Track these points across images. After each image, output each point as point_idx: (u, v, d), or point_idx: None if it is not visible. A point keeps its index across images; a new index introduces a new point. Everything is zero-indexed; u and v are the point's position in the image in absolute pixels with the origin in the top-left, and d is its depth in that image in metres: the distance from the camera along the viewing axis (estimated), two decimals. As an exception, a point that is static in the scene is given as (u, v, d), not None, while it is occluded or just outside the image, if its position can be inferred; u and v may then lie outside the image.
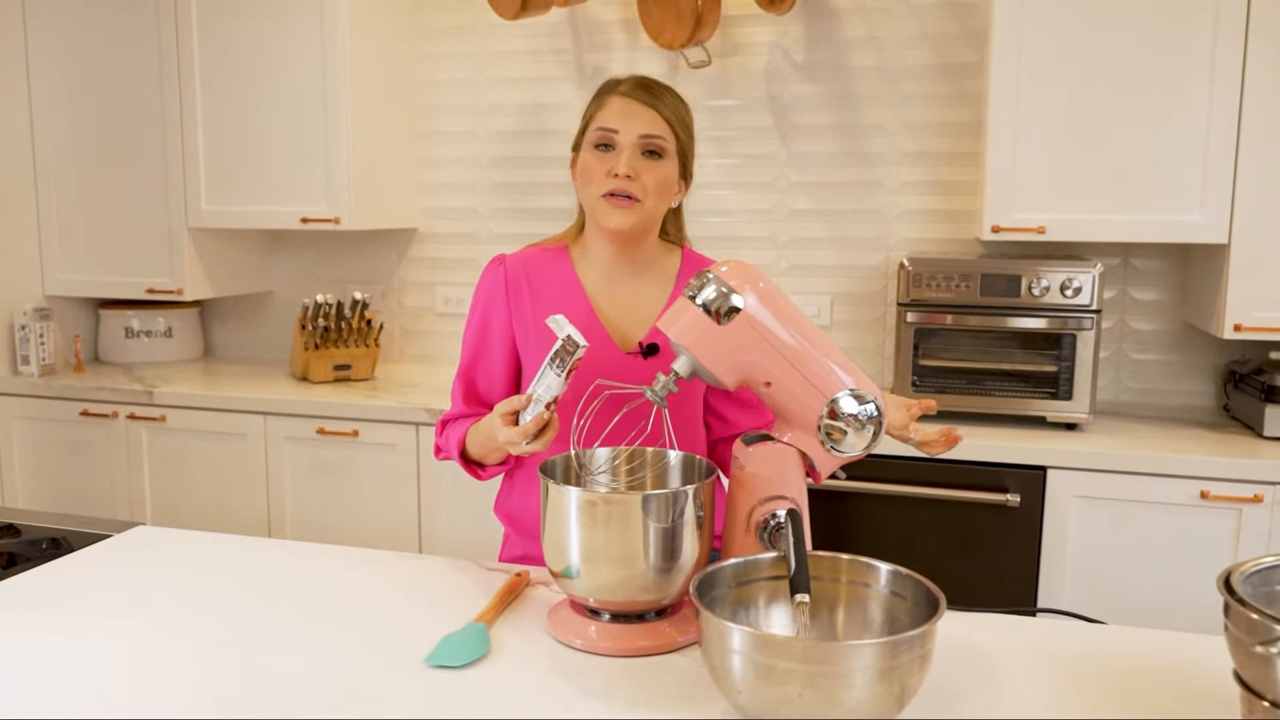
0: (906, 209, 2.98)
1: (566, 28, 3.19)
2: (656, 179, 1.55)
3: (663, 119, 1.56)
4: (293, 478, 2.95)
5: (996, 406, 2.59)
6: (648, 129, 1.54)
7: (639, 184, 1.53)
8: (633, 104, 1.55)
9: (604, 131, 1.55)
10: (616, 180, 1.52)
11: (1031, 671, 1.21)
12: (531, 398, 1.37)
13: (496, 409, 1.42)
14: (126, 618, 1.35)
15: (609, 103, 1.57)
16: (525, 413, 1.38)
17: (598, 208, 1.55)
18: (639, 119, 1.54)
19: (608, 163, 1.54)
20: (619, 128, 1.54)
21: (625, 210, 1.54)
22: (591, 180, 1.55)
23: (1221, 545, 2.31)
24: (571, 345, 1.32)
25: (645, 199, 1.54)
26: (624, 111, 1.55)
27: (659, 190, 1.56)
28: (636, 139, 1.54)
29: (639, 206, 1.54)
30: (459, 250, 3.38)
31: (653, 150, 1.55)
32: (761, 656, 0.99)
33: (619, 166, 1.52)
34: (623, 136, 1.54)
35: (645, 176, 1.54)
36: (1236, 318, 2.45)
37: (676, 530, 1.23)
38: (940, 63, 2.90)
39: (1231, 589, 0.99)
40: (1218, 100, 2.41)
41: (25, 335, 3.18)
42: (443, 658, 1.22)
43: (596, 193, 1.54)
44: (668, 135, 1.56)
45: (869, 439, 1.32)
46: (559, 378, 1.34)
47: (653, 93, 1.57)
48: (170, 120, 3.18)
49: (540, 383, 1.36)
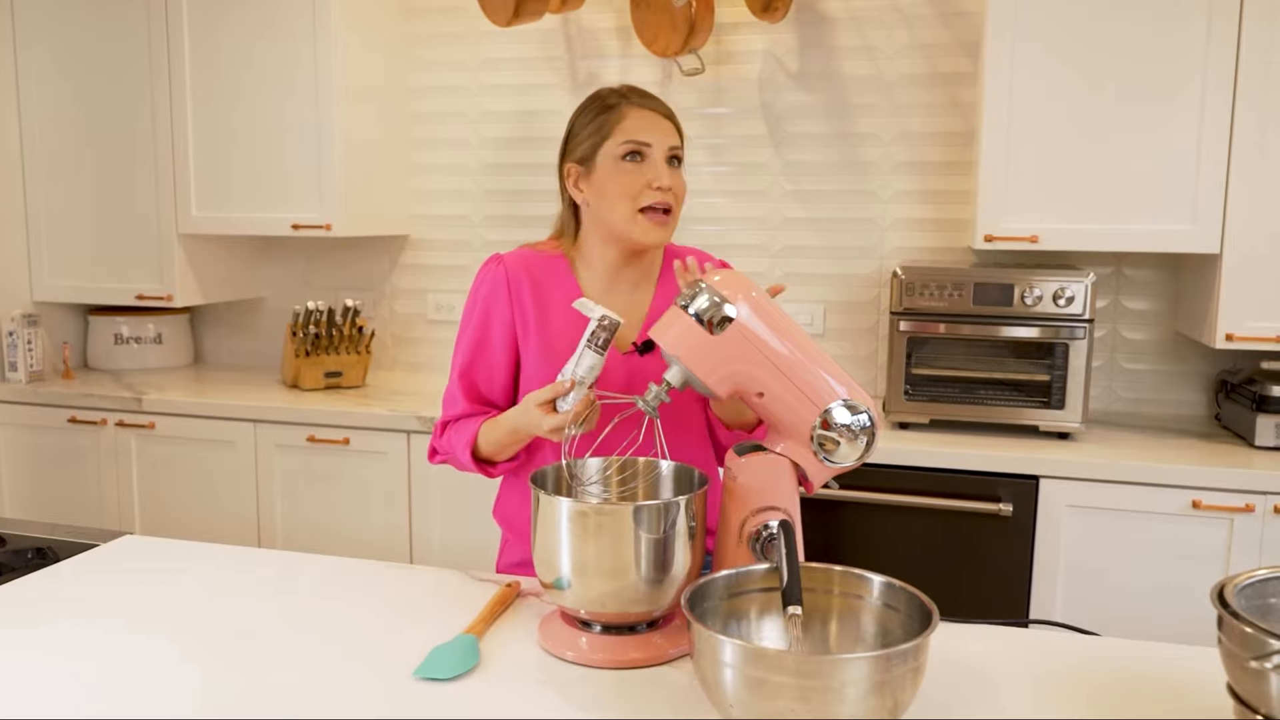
0: (899, 218, 2.98)
1: (559, 35, 3.18)
2: (682, 187, 1.59)
3: (678, 130, 1.61)
4: (283, 486, 2.93)
5: (989, 415, 2.58)
6: (674, 139, 1.59)
7: (672, 194, 1.56)
8: (654, 115, 1.58)
9: (636, 143, 1.55)
10: (659, 193, 1.54)
11: (1024, 684, 1.20)
12: (574, 381, 1.39)
13: (529, 399, 1.44)
14: (111, 628, 1.34)
15: (629, 114, 1.57)
16: (569, 397, 1.40)
17: (633, 223, 1.55)
18: (665, 131, 1.58)
19: (644, 174, 1.54)
20: (652, 141, 1.55)
21: (665, 226, 1.56)
22: (625, 194, 1.54)
23: (1213, 555, 2.31)
24: (609, 322, 1.37)
25: (676, 208, 1.58)
26: (651, 123, 1.57)
27: (682, 199, 1.60)
28: (667, 150, 1.56)
29: (672, 218, 1.58)
30: (451, 257, 3.37)
31: (677, 159, 1.59)
32: (753, 670, 0.98)
33: (662, 179, 1.54)
34: (656, 149, 1.55)
35: (676, 186, 1.57)
36: (1228, 327, 2.45)
37: (668, 541, 1.22)
38: (933, 72, 2.91)
39: (1225, 602, 0.99)
40: (1210, 110, 2.42)
41: (13, 341, 3.16)
42: (432, 670, 1.21)
43: (632, 207, 1.54)
44: (682, 145, 1.61)
45: (862, 449, 1.31)
46: (600, 356, 1.38)
47: (665, 104, 1.61)
48: (161, 125, 3.17)
49: (580, 364, 1.39)
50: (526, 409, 1.45)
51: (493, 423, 1.57)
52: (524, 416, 1.46)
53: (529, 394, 1.46)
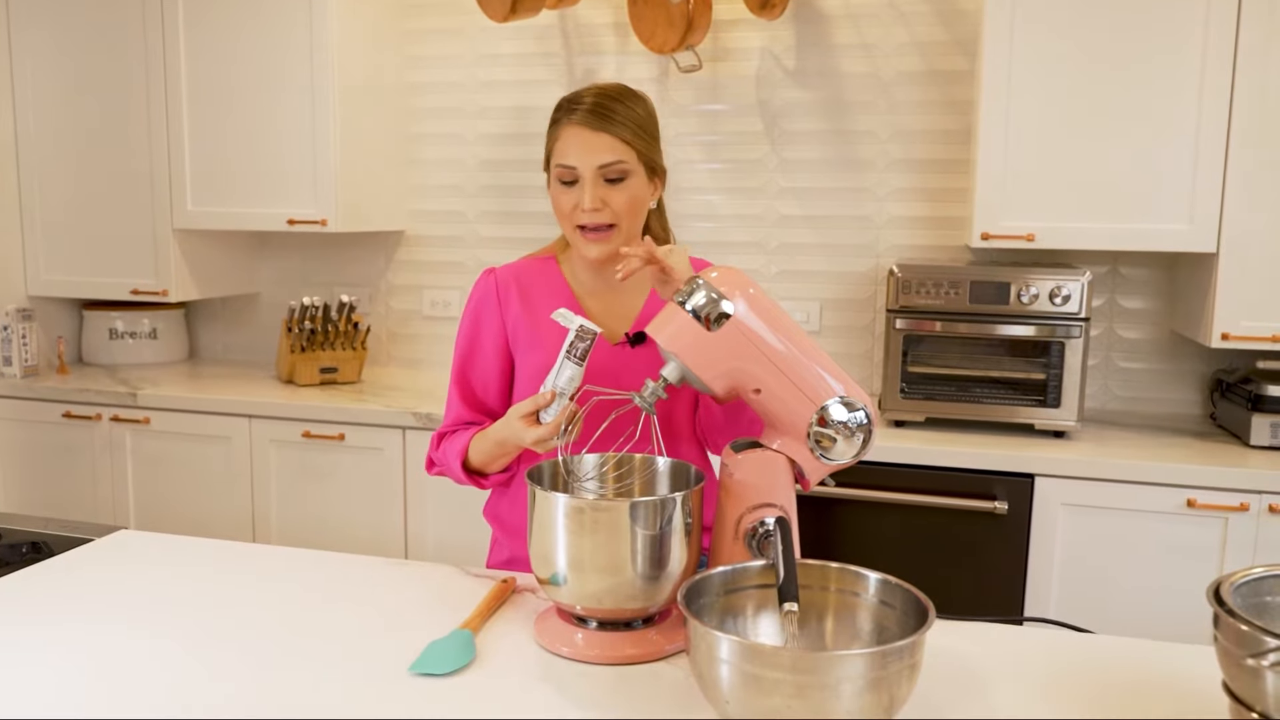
0: (896, 215, 2.98)
1: (556, 31, 3.18)
2: (625, 200, 1.55)
3: (620, 140, 1.53)
4: (278, 481, 2.93)
5: (984, 414, 2.59)
6: (605, 158, 1.53)
7: (608, 211, 1.54)
8: (585, 133, 1.53)
9: (563, 168, 1.55)
10: (586, 214, 1.53)
11: (1019, 682, 1.20)
12: (555, 393, 1.39)
13: (512, 412, 1.45)
14: (104, 623, 1.34)
15: (564, 134, 1.55)
16: (550, 409, 1.40)
17: (574, 239, 1.58)
18: (595, 149, 1.53)
19: (573, 197, 1.54)
20: (576, 163, 1.53)
21: (604, 241, 1.56)
22: (563, 214, 1.57)
23: (1207, 554, 2.32)
24: (586, 333, 1.37)
25: (620, 222, 1.55)
26: (579, 144, 1.53)
27: (631, 210, 1.56)
28: (595, 171, 1.53)
29: (615, 232, 1.56)
30: (447, 253, 3.37)
31: (613, 177, 1.54)
32: (750, 666, 0.98)
33: (585, 201, 1.53)
34: (582, 170, 1.53)
35: (613, 202, 1.54)
36: (1224, 326, 2.46)
37: (664, 538, 1.22)
38: (930, 70, 2.91)
39: (1221, 600, 0.99)
40: (1207, 109, 2.42)
41: (7, 336, 3.15)
42: (427, 665, 1.20)
43: (570, 226, 1.57)
44: (627, 155, 1.54)
45: (859, 446, 1.31)
46: (578, 367, 1.39)
47: (604, 115, 1.53)
48: (155, 119, 3.16)
49: (560, 375, 1.39)
50: (510, 422, 1.46)
51: (481, 435, 1.58)
52: (508, 429, 1.47)
53: (512, 406, 1.47)
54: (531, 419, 1.41)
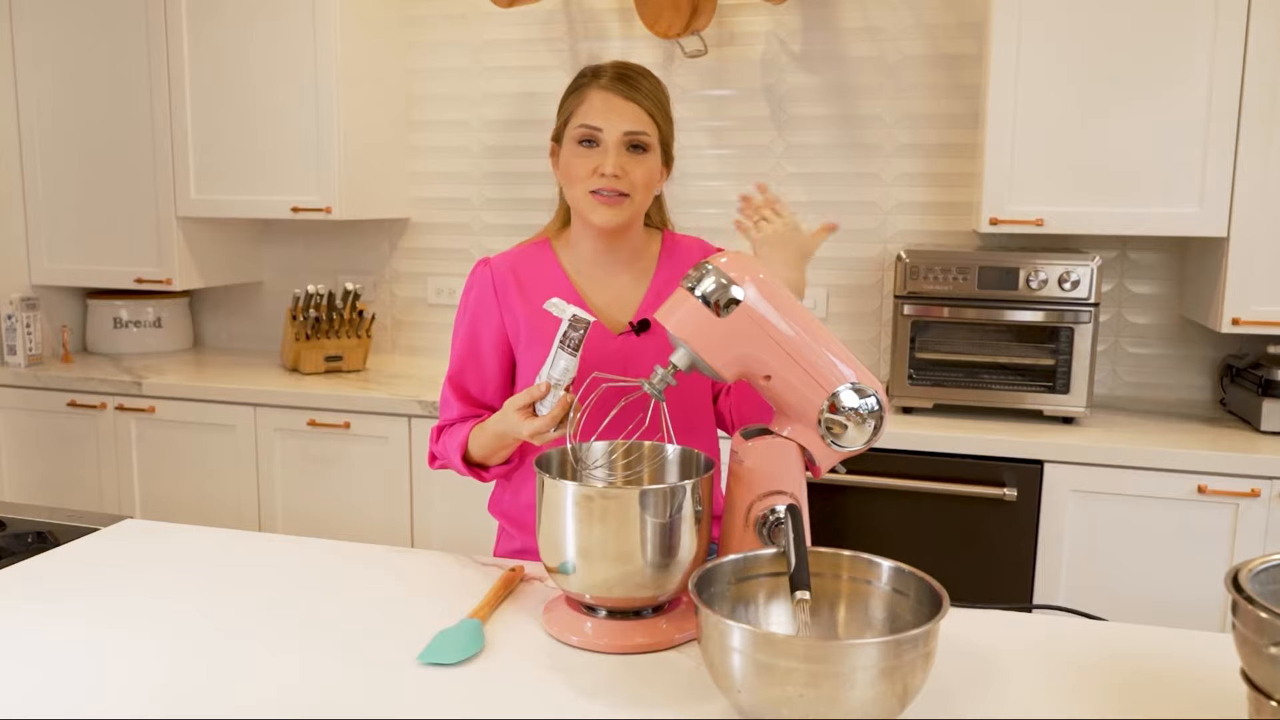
0: (903, 201, 2.96)
1: (561, 15, 3.15)
2: (643, 173, 1.54)
3: (645, 112, 1.53)
4: (283, 470, 2.92)
5: (993, 400, 2.57)
6: (632, 125, 1.52)
7: (627, 180, 1.52)
8: (614, 99, 1.52)
9: (587, 128, 1.52)
10: (604, 179, 1.51)
11: (1032, 670, 1.19)
12: (549, 385, 1.37)
13: (509, 404, 1.43)
14: (111, 612, 1.33)
15: (589, 97, 1.54)
16: (546, 401, 1.38)
17: (585, 204, 1.54)
18: (622, 115, 1.52)
19: (593, 160, 1.52)
20: (603, 125, 1.52)
21: (616, 207, 1.53)
22: (577, 178, 1.53)
23: (1218, 540, 2.31)
24: (579, 322, 1.34)
25: (634, 194, 1.53)
26: (606, 107, 1.52)
27: (646, 184, 1.55)
28: (621, 136, 1.51)
29: (628, 202, 1.53)
30: (451, 240, 3.35)
31: (637, 145, 1.53)
32: (762, 655, 0.97)
33: (606, 166, 1.50)
34: (607, 134, 1.51)
35: (633, 172, 1.52)
36: (1234, 311, 2.44)
37: (674, 526, 1.21)
38: (938, 54, 2.88)
39: (1240, 587, 0.97)
40: (1217, 92, 2.40)
41: (12, 325, 3.14)
42: (436, 655, 1.20)
43: (583, 190, 1.53)
44: (650, 129, 1.54)
45: (870, 433, 1.30)
46: (573, 357, 1.36)
47: (632, 84, 1.54)
48: (159, 107, 3.14)
49: (554, 367, 1.37)
50: (506, 414, 1.43)
51: (479, 428, 1.56)
52: (505, 422, 1.44)
53: (509, 399, 1.45)
54: (527, 411, 1.39)
